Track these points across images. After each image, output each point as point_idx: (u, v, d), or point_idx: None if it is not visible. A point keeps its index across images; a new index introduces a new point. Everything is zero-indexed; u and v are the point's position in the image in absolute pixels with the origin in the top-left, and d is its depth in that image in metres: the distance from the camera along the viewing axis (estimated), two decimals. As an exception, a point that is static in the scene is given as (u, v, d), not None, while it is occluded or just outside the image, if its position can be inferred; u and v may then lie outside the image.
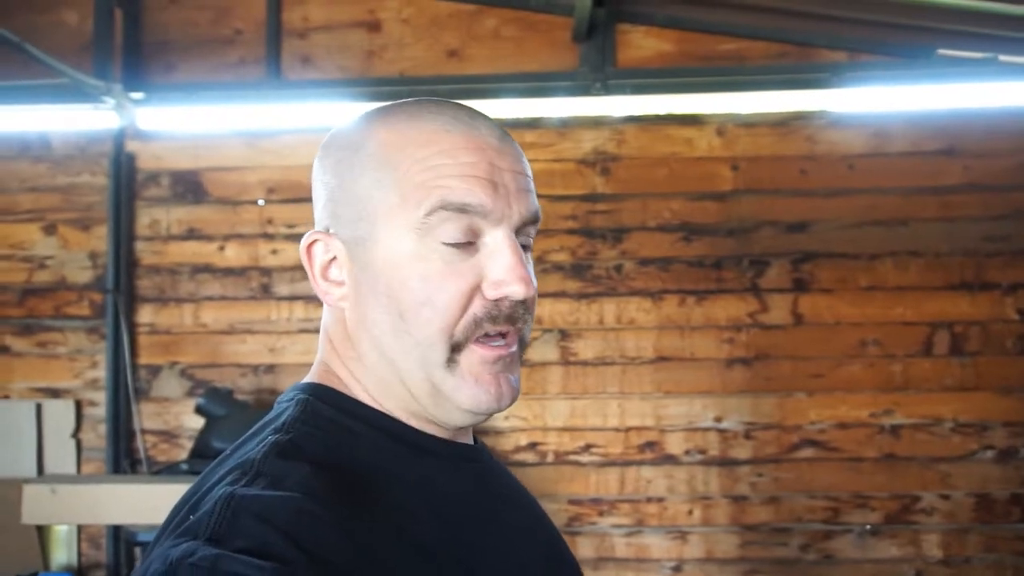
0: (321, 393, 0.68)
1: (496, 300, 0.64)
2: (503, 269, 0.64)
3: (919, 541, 2.78)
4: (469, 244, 0.64)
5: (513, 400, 0.67)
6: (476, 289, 0.64)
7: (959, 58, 2.76)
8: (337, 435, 0.66)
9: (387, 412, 0.69)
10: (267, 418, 0.69)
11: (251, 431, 0.68)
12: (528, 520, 0.77)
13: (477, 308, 0.64)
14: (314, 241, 0.69)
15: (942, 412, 2.80)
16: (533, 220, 0.67)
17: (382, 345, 0.66)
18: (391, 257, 0.65)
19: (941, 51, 2.76)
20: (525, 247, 0.68)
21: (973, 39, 2.67)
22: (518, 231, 0.66)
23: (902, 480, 2.79)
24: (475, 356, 0.65)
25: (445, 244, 0.63)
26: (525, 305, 0.66)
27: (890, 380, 2.80)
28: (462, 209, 0.63)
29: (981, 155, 2.81)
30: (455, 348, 0.64)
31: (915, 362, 2.81)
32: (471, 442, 0.75)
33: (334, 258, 0.68)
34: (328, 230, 0.68)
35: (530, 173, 0.68)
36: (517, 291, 0.64)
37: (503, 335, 0.66)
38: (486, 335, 0.65)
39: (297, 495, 0.57)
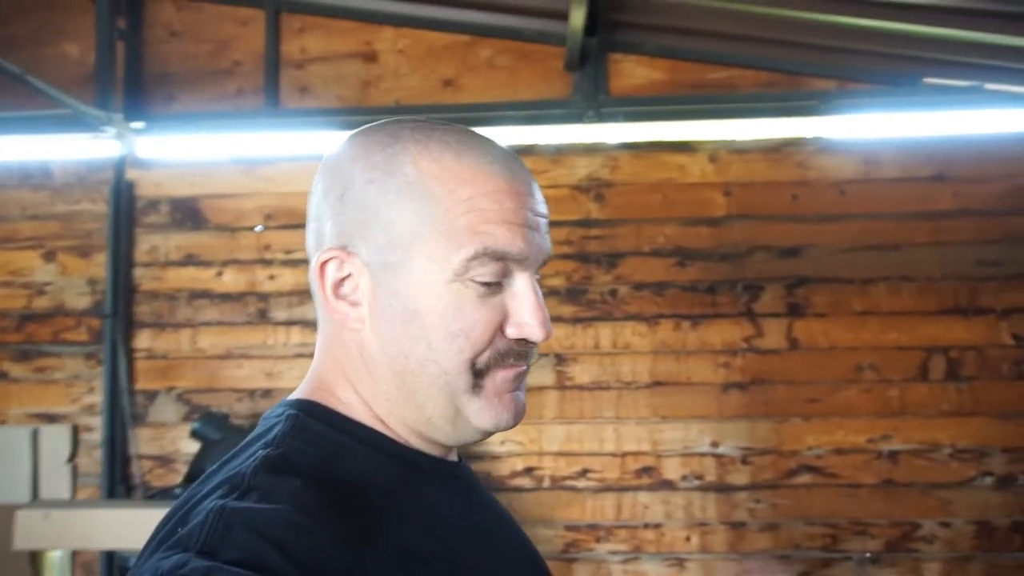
0: (311, 409, 0.69)
1: (516, 339, 0.67)
2: (528, 313, 0.66)
3: (920, 570, 2.75)
4: (498, 285, 0.66)
5: (522, 417, 0.70)
6: (501, 326, 0.66)
7: (945, 86, 2.80)
8: (327, 450, 0.66)
9: (380, 430, 0.69)
10: (255, 433, 0.69)
11: (239, 447, 0.68)
12: (513, 536, 0.78)
13: (500, 344, 0.66)
14: (329, 259, 0.67)
15: (940, 438, 2.78)
16: (548, 258, 0.70)
17: (405, 373, 0.66)
18: (425, 288, 0.65)
19: (927, 79, 2.80)
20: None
21: (959, 67, 2.71)
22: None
23: (901, 507, 2.77)
24: (498, 378, 0.67)
25: (477, 283, 0.65)
26: (536, 344, 0.69)
27: (887, 405, 2.79)
28: (503, 257, 0.65)
29: (971, 181, 2.83)
30: (478, 375, 0.66)
31: (911, 387, 2.80)
32: (456, 459, 0.76)
33: (347, 276, 0.67)
34: (345, 248, 0.67)
35: (548, 216, 0.71)
36: (538, 334, 0.67)
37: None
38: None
39: (288, 508, 0.58)
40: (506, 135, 2.90)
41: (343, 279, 0.67)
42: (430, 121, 0.70)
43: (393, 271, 0.65)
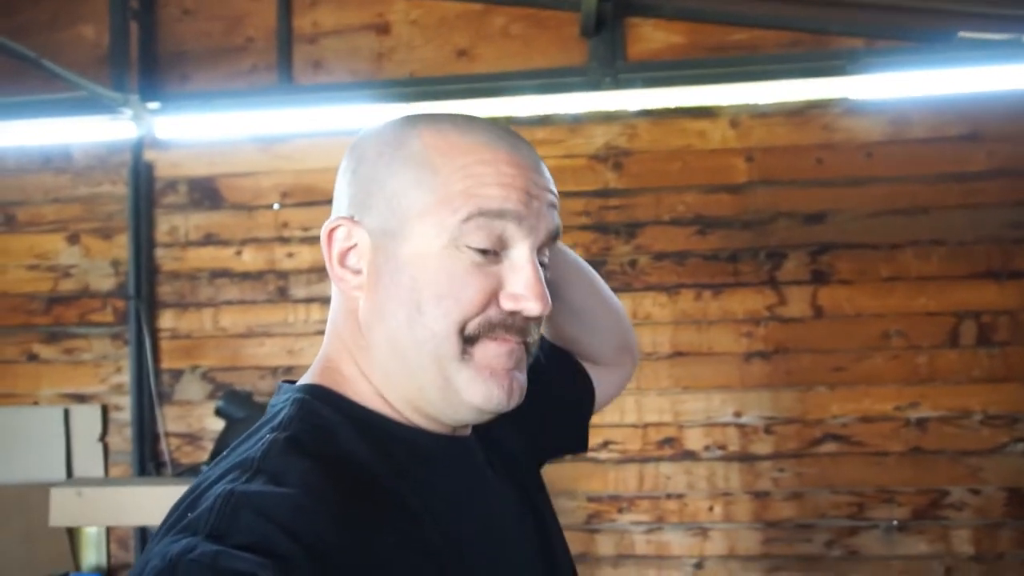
0: (318, 393, 0.69)
1: (511, 312, 0.67)
2: (523, 284, 0.66)
3: (949, 537, 2.72)
4: (495, 255, 0.66)
5: (521, 399, 0.69)
6: (495, 294, 0.66)
7: (981, 40, 2.68)
8: (333, 432, 0.66)
9: (385, 413, 0.70)
10: (263, 419, 0.70)
11: (247, 432, 0.69)
12: (521, 511, 0.78)
13: (492, 313, 0.66)
14: (337, 226, 0.69)
15: (970, 404, 2.72)
16: (555, 236, 0.70)
17: (396, 336, 0.67)
18: (419, 252, 0.66)
19: (962, 34, 2.68)
20: (543, 264, 0.70)
21: (995, 20, 2.59)
22: (539, 248, 0.69)
23: (929, 475, 2.73)
24: (489, 349, 0.66)
25: (473, 248, 0.65)
26: (536, 321, 0.69)
27: (915, 372, 2.74)
28: (498, 215, 0.65)
29: (1006, 139, 2.72)
30: (468, 341, 0.66)
31: (941, 353, 2.74)
32: (465, 435, 0.75)
33: (354, 245, 0.69)
34: (353, 217, 0.69)
35: (557, 197, 0.71)
36: (533, 308, 0.66)
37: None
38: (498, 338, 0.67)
39: (297, 491, 0.58)
40: (522, 105, 2.85)
41: (349, 248, 0.69)
42: (469, 115, 0.72)
43: (392, 237, 0.67)
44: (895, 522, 2.73)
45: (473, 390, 0.66)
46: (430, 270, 0.65)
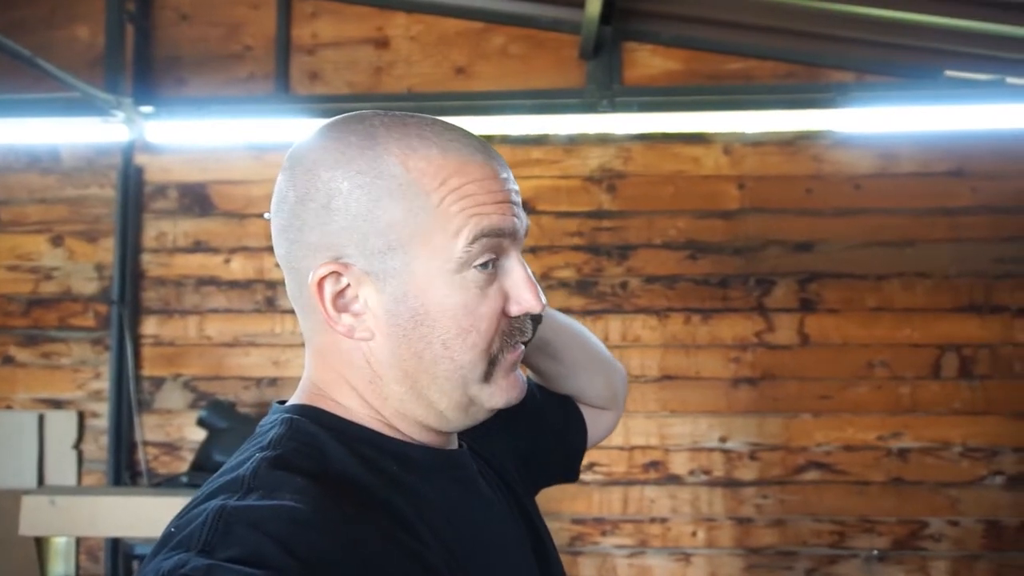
0: (307, 412, 0.68)
1: (518, 316, 0.69)
2: (523, 287, 0.68)
3: (927, 568, 2.74)
4: (492, 267, 0.67)
5: (524, 392, 0.72)
6: (503, 310, 0.68)
7: (966, 80, 2.75)
8: (324, 450, 0.66)
9: (377, 428, 0.69)
10: (252, 440, 0.69)
11: (236, 455, 0.68)
12: (514, 521, 0.79)
13: (504, 326, 0.68)
14: (327, 275, 0.65)
15: (951, 436, 2.76)
16: (526, 233, 0.72)
17: (417, 372, 0.67)
18: (430, 286, 0.65)
19: (948, 72, 2.76)
20: None
21: (980, 60, 2.67)
22: None
23: (910, 505, 2.75)
24: (507, 360, 0.69)
25: (477, 269, 0.66)
26: (537, 319, 0.72)
27: (898, 402, 2.77)
28: (498, 234, 0.66)
29: (990, 177, 2.79)
30: (491, 362, 0.68)
31: (923, 384, 2.77)
32: (456, 446, 0.76)
33: (347, 287, 0.66)
34: (339, 259, 0.65)
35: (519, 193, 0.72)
36: (535, 305, 0.68)
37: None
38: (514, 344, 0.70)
39: (290, 505, 0.57)
40: (518, 124, 2.87)
41: (341, 291, 0.66)
42: (393, 113, 0.69)
43: (397, 275, 0.65)
44: (875, 552, 2.74)
45: (497, 398, 0.69)
46: (447, 304, 0.65)
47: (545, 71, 2.90)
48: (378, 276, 0.65)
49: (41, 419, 2.89)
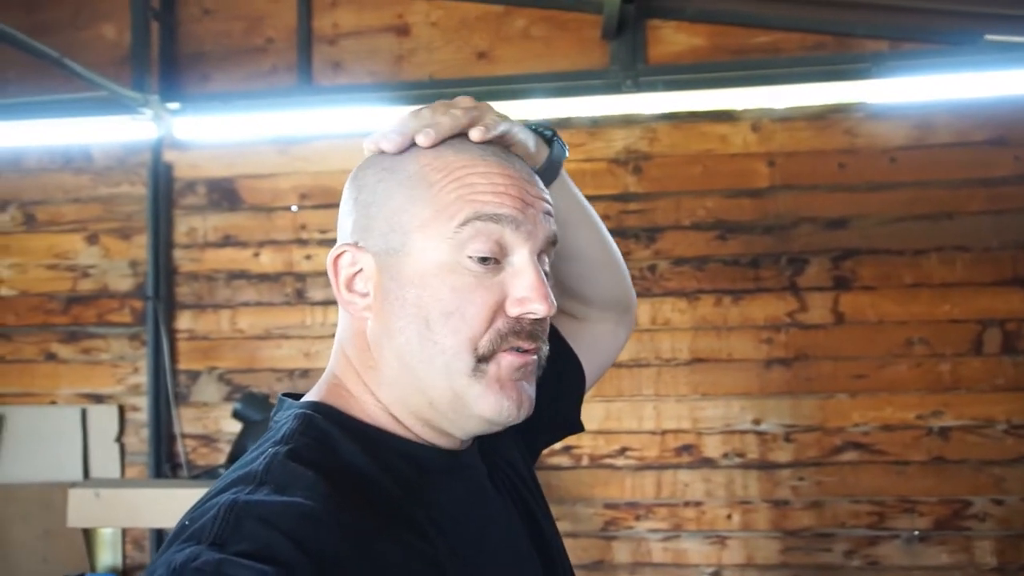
0: (321, 409, 0.70)
1: (518, 317, 0.67)
2: (526, 287, 0.67)
3: (971, 548, 2.68)
4: (496, 263, 0.67)
5: (530, 411, 0.69)
6: (501, 306, 0.67)
7: (1008, 43, 2.64)
8: (336, 446, 0.67)
9: (390, 428, 0.70)
10: (266, 435, 0.70)
11: (251, 448, 0.69)
12: (521, 524, 0.79)
13: (500, 324, 0.67)
14: (341, 253, 0.71)
15: (994, 413, 2.68)
16: (554, 242, 0.71)
17: (405, 354, 0.68)
18: (422, 268, 0.67)
19: (989, 36, 2.65)
20: (545, 272, 0.71)
21: (1022, 22, 2.55)
22: (540, 254, 0.70)
23: (952, 484, 2.69)
24: (504, 362, 0.67)
25: (474, 259, 0.66)
26: (543, 325, 0.70)
27: (938, 380, 2.70)
28: (494, 219, 0.66)
29: (1034, 144, 2.68)
30: (481, 359, 0.67)
31: (964, 361, 2.70)
32: (465, 448, 0.75)
33: (360, 270, 0.70)
34: (356, 243, 0.70)
35: (553, 207, 0.73)
36: (539, 308, 0.67)
37: (527, 350, 0.69)
38: (515, 349, 0.68)
39: (301, 500, 0.58)
40: (541, 107, 2.83)
41: (356, 273, 0.70)
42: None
43: (395, 256, 0.68)
44: (916, 532, 2.69)
45: (484, 403, 0.67)
46: (435, 286, 0.67)
47: (568, 52, 2.85)
48: (381, 256, 0.69)
49: (84, 413, 2.97)
